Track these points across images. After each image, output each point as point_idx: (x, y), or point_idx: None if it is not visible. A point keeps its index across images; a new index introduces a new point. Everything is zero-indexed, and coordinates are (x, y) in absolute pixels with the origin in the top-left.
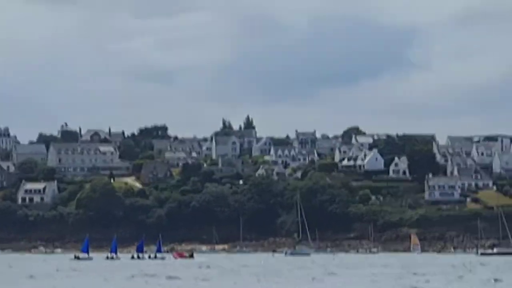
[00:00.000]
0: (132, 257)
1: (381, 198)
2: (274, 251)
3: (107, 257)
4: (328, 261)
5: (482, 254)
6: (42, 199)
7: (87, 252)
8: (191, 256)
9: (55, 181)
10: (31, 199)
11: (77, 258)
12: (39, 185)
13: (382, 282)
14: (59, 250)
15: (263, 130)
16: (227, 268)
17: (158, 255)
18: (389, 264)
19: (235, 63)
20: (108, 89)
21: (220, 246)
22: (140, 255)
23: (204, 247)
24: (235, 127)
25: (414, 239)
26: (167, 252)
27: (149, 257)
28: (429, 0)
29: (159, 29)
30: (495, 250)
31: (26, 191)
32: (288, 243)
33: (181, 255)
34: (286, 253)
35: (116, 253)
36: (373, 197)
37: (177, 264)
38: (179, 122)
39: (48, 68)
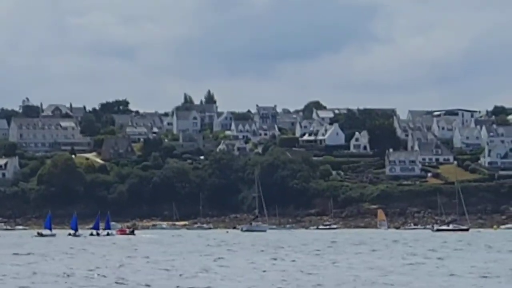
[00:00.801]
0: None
1: (342, 173)
2: (234, 227)
3: (69, 234)
4: (277, 237)
5: (437, 230)
6: (3, 174)
7: (50, 228)
8: (132, 233)
9: (17, 157)
10: None
11: (40, 234)
12: (0, 161)
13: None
14: (20, 226)
15: (224, 105)
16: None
17: (104, 232)
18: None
19: (196, 38)
20: (69, 64)
21: (181, 223)
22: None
23: (164, 223)
24: (196, 101)
25: (381, 214)
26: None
27: (91, 234)
28: None
29: (120, 3)
30: (450, 226)
31: None
32: (249, 219)
33: (123, 232)
34: (242, 229)
35: (76, 229)
36: (334, 173)
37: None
38: (140, 97)
39: (9, 42)
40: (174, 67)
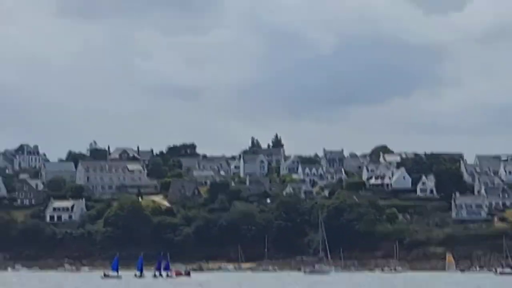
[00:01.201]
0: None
1: (408, 216)
2: (299, 269)
3: (135, 275)
4: (336, 280)
5: (500, 273)
6: (70, 217)
7: (117, 270)
8: (188, 274)
9: (83, 199)
10: (59, 217)
11: (106, 276)
12: (68, 203)
13: None
14: (86, 268)
15: (291, 149)
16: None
17: (163, 273)
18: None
19: (262, 81)
20: (136, 107)
21: (246, 265)
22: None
23: (230, 265)
24: (264, 145)
25: (449, 257)
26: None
27: (154, 275)
28: (456, 18)
29: (187, 46)
30: None
31: (54, 209)
32: (315, 261)
33: (178, 273)
34: (305, 272)
35: (142, 271)
36: (400, 216)
37: (166, 283)
38: (207, 140)
39: (76, 85)
40: (241, 110)
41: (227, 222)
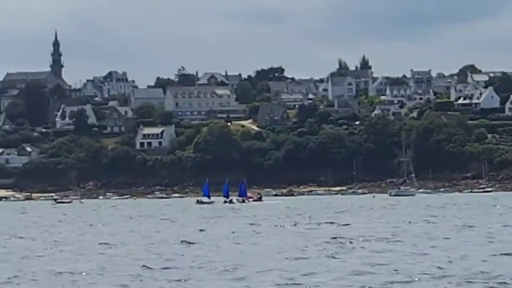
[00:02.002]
0: (224, 202)
1: (497, 136)
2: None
3: (225, 201)
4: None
5: None
6: (160, 143)
7: (208, 196)
8: (260, 199)
9: (173, 125)
10: (149, 144)
11: (200, 202)
12: (157, 130)
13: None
14: (176, 194)
15: (379, 70)
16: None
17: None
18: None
19: (349, 2)
20: (224, 32)
21: (336, 188)
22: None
23: (320, 189)
24: (351, 67)
25: None
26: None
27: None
28: None
29: None
30: None
31: (144, 135)
32: (401, 183)
33: (249, 198)
34: (390, 194)
35: (228, 196)
36: (489, 136)
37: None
38: (295, 64)
39: (164, 13)
40: (328, 32)
41: (316, 145)
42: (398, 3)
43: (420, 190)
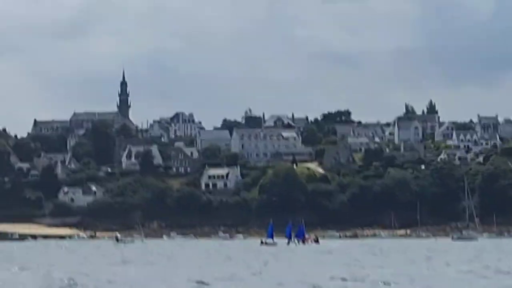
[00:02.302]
0: (261, 242)
1: None
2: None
3: (288, 243)
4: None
5: None
6: (225, 184)
7: (272, 237)
8: (317, 241)
9: (238, 167)
10: (214, 185)
11: (263, 243)
12: (223, 171)
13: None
14: (240, 235)
15: (446, 114)
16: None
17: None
18: None
19: (418, 46)
20: (292, 74)
21: (400, 231)
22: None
23: (383, 232)
24: (418, 111)
25: None
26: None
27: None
28: None
29: (345, 13)
30: None
31: (209, 177)
32: (465, 227)
33: (306, 240)
34: (452, 238)
35: (290, 237)
36: None
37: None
38: (362, 107)
39: (233, 54)
40: (396, 76)
41: (382, 188)
42: (466, 47)
43: (484, 234)
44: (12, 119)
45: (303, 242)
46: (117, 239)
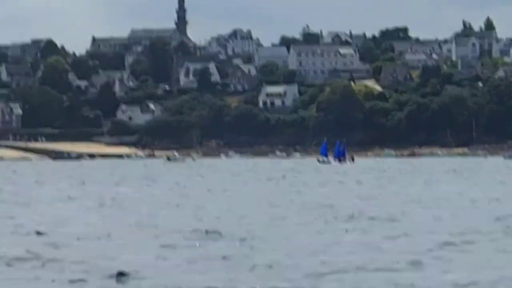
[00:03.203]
0: (318, 160)
1: None
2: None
3: (318, 160)
4: None
5: None
6: (283, 102)
7: (326, 155)
8: (352, 159)
9: (296, 84)
10: (272, 103)
11: (320, 161)
12: (280, 88)
13: None
14: (297, 154)
15: (504, 31)
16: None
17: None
18: None
19: None
20: None
21: (458, 150)
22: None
23: (439, 151)
24: (476, 28)
25: None
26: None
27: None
28: None
29: None
30: None
31: (267, 94)
32: None
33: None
34: (504, 156)
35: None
36: None
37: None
38: (420, 24)
39: None
40: None
41: (439, 106)
42: None
43: None
44: (71, 36)
45: (339, 161)
46: (168, 158)
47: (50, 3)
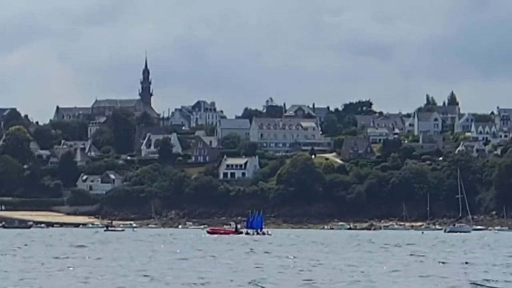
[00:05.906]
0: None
1: None
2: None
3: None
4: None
5: None
6: (243, 174)
7: (261, 228)
8: (236, 230)
9: (257, 157)
10: (232, 174)
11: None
12: (241, 161)
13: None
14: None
15: (467, 106)
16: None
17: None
18: None
19: (446, 38)
20: (319, 63)
21: (416, 223)
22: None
23: (395, 224)
24: (439, 102)
25: None
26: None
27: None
28: None
29: (376, 2)
30: None
31: (228, 166)
32: (486, 220)
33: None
34: (445, 230)
35: (261, 228)
36: None
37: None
38: (384, 98)
39: (258, 43)
40: (419, 67)
41: (399, 180)
42: (493, 40)
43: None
44: (35, 106)
45: (257, 233)
46: (107, 227)
47: (16, 73)
